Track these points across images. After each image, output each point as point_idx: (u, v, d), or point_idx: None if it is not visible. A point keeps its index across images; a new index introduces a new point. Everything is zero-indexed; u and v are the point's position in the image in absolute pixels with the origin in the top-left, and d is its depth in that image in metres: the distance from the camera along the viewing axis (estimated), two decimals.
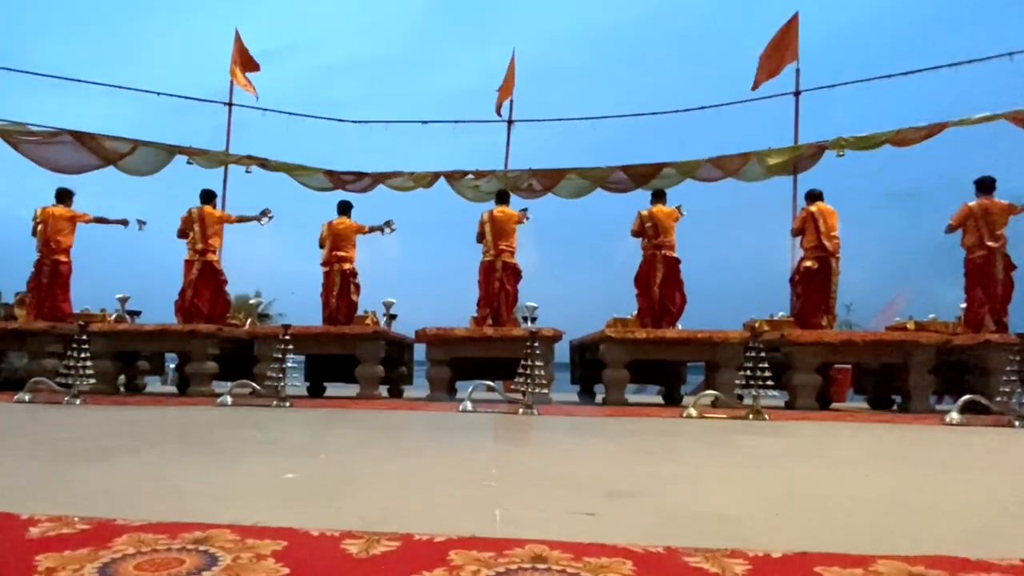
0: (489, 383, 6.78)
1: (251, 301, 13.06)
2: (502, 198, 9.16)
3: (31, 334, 8.32)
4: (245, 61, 12.39)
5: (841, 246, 8.29)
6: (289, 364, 6.44)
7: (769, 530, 1.76)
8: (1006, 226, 7.93)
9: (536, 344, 6.33)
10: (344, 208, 9.27)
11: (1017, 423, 5.58)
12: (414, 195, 11.80)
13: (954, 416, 5.73)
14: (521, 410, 5.94)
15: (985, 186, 8.08)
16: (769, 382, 5.92)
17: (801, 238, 8.58)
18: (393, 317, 9.74)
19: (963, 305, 8.31)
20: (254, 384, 6.91)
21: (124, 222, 9.18)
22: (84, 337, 6.32)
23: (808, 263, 8.32)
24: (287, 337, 6.53)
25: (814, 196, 8.55)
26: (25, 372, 7.85)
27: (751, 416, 5.75)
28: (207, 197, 9.24)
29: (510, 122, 12.53)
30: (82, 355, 6.18)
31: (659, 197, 8.86)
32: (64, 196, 9.11)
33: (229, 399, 6.47)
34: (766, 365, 5.94)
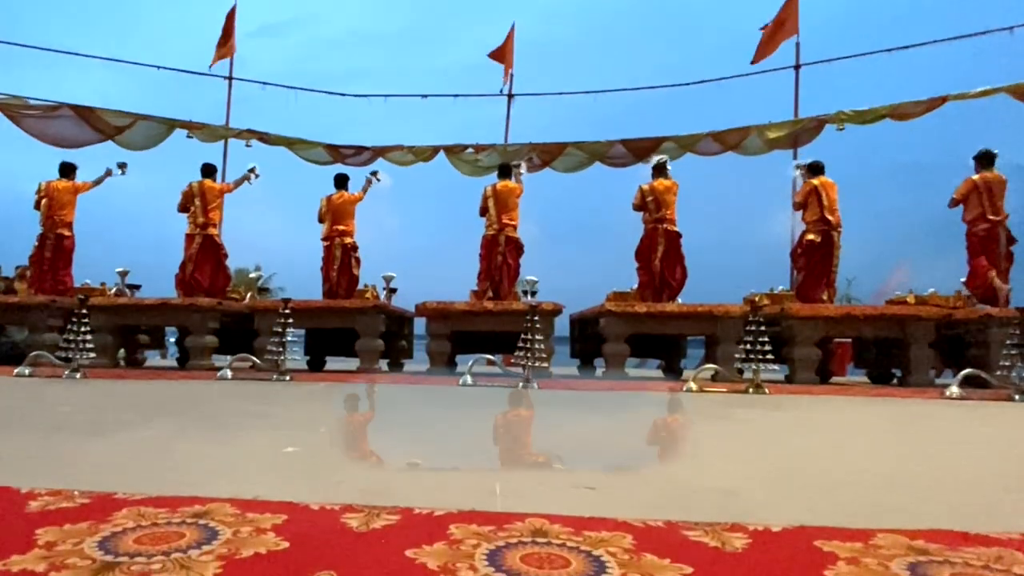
0: (489, 357, 6.78)
1: (251, 275, 13.02)
2: (504, 172, 9.11)
3: (31, 308, 8.32)
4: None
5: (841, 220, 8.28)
6: (289, 338, 6.45)
7: (769, 504, 1.76)
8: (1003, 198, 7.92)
9: (536, 318, 6.32)
10: (341, 181, 9.23)
11: (1017, 397, 5.58)
12: (414, 169, 11.78)
13: (954, 390, 5.74)
14: (521, 384, 5.95)
15: (985, 160, 8.03)
16: (769, 356, 5.92)
17: (803, 212, 8.54)
18: (393, 291, 9.74)
19: (963, 280, 8.29)
20: (254, 358, 6.92)
21: (108, 173, 9.30)
22: (84, 311, 6.32)
23: (811, 236, 8.29)
24: (287, 311, 6.53)
25: (816, 169, 8.49)
26: (25, 346, 7.86)
27: (751, 390, 5.76)
28: (207, 171, 9.23)
29: (510, 96, 12.46)
30: (82, 329, 6.18)
31: (660, 171, 8.79)
32: (67, 170, 9.16)
33: (229, 373, 6.48)
34: (766, 339, 5.94)
